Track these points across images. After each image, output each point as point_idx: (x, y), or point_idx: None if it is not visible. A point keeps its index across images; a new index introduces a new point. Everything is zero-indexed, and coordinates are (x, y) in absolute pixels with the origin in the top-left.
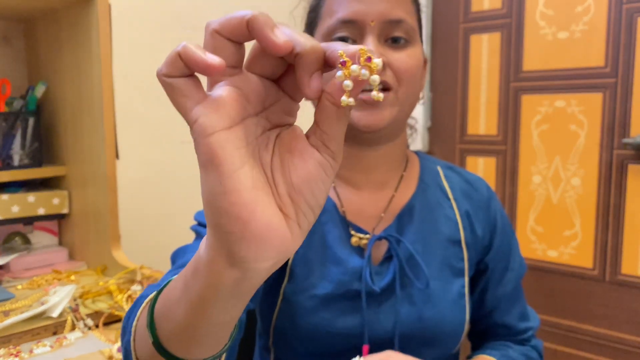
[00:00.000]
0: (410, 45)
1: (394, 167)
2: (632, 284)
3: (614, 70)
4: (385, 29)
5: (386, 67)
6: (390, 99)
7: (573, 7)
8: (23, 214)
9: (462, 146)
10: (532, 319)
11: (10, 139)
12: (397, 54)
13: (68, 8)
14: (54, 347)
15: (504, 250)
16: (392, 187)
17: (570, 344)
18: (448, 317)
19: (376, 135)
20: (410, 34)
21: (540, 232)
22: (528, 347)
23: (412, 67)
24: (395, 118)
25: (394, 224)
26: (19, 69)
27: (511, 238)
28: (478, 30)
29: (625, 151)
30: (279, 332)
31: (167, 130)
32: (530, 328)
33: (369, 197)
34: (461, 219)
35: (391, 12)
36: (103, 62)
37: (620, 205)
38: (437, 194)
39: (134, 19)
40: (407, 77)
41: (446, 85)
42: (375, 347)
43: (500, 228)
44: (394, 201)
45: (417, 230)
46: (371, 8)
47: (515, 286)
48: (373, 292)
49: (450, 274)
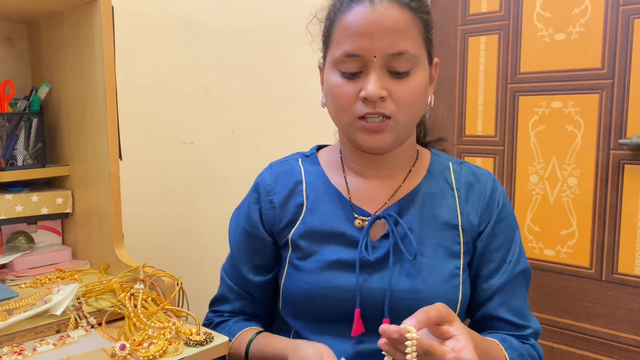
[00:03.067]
0: (413, 73)
1: (402, 164)
2: (628, 283)
3: (610, 72)
4: (388, 62)
5: (387, 98)
6: (391, 125)
7: (570, 9)
8: (27, 214)
9: (460, 147)
10: (532, 322)
11: (14, 140)
12: (398, 85)
13: (71, 10)
14: (57, 345)
15: (502, 241)
16: (401, 178)
17: (567, 342)
18: (438, 292)
19: (379, 152)
20: (413, 62)
21: (537, 231)
22: (528, 345)
23: (412, 96)
24: (395, 139)
25: (395, 206)
26: (23, 70)
27: (513, 233)
28: (476, 32)
29: (622, 151)
30: (286, 295)
31: (169, 130)
32: (529, 327)
33: (377, 185)
34: (460, 206)
35: (394, 46)
36: (106, 63)
37: (616, 205)
38: (442, 184)
39: (137, 20)
40: (406, 105)
41: (444, 86)
42: (367, 313)
43: (499, 219)
44: (399, 190)
45: (416, 213)
46: (374, 44)
47: (512, 280)
48: (367, 261)
49: (444, 254)
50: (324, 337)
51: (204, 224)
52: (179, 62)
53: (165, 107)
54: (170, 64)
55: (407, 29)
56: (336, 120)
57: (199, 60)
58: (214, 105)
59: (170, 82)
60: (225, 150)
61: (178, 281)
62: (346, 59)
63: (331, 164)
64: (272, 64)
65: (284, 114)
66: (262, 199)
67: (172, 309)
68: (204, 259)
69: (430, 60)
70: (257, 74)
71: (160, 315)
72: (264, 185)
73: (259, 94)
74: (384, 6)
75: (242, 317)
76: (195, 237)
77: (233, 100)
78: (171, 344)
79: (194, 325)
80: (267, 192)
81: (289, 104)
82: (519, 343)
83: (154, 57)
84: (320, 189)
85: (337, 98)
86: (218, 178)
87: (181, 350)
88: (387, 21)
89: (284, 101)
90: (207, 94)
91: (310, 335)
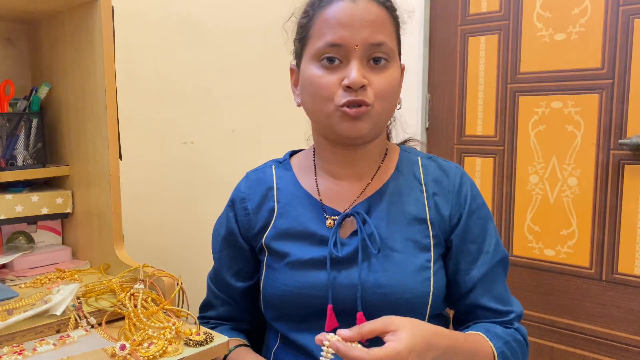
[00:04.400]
0: (389, 65)
1: (372, 161)
2: (628, 283)
3: (610, 72)
4: (367, 51)
5: (367, 86)
6: (370, 113)
7: (570, 9)
8: (27, 214)
9: (460, 147)
10: (515, 305)
11: (14, 140)
12: (377, 76)
13: (71, 9)
14: (57, 345)
15: (477, 232)
16: (370, 176)
17: (567, 342)
18: (409, 285)
19: (357, 141)
20: (390, 55)
21: (537, 231)
22: (512, 329)
23: (389, 87)
24: (373, 128)
25: (363, 203)
26: (23, 70)
27: (486, 223)
28: (476, 32)
29: (622, 151)
30: (265, 298)
31: (169, 131)
32: (512, 312)
33: (347, 185)
34: (428, 200)
35: (373, 36)
36: (106, 63)
37: (616, 205)
38: (410, 180)
39: (136, 20)
40: (384, 95)
41: (444, 86)
42: (341, 308)
43: (470, 211)
44: (368, 188)
45: (385, 210)
46: (356, 34)
47: (492, 269)
48: (337, 258)
49: (414, 248)
50: (304, 335)
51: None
52: (179, 62)
53: (165, 107)
54: (170, 64)
55: (385, 24)
56: (315, 114)
57: (199, 60)
58: (214, 105)
59: (170, 82)
60: (225, 150)
61: (178, 281)
62: (329, 49)
63: (303, 168)
64: (272, 64)
65: (284, 114)
66: (237, 206)
67: (172, 309)
68: (204, 259)
69: (400, 59)
70: (257, 74)
71: (160, 315)
72: (239, 193)
73: (259, 94)
74: (364, 1)
75: (228, 325)
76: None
77: (233, 100)
78: (171, 344)
79: (194, 325)
80: (241, 200)
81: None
82: (503, 329)
83: (154, 57)
84: (291, 193)
85: (318, 89)
86: (218, 178)
87: (181, 350)
88: (367, 14)
89: (284, 101)
90: (207, 94)
91: (292, 334)
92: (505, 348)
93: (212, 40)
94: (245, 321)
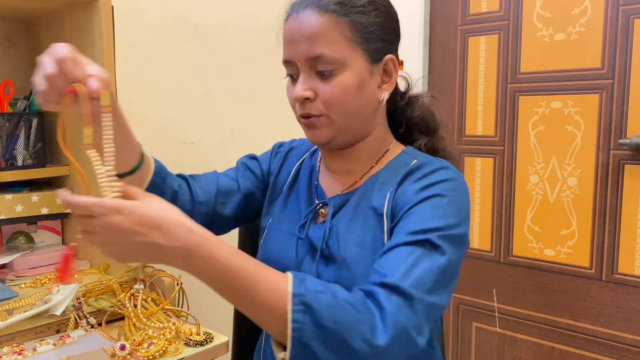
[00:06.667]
0: (337, 73)
1: (363, 160)
2: (628, 283)
3: (610, 72)
4: (310, 64)
5: (315, 98)
6: (323, 121)
7: (570, 9)
8: (27, 214)
9: (460, 147)
10: (398, 277)
11: (14, 140)
12: (323, 85)
13: (71, 10)
14: (57, 345)
15: (416, 212)
16: (360, 174)
17: (567, 342)
18: (357, 282)
19: (333, 145)
20: (336, 62)
21: (537, 231)
22: (361, 292)
23: (338, 95)
24: (338, 134)
25: (340, 196)
26: (23, 70)
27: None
28: (476, 32)
29: (622, 151)
30: (260, 259)
31: (169, 131)
32: (385, 276)
33: (339, 179)
34: (390, 195)
35: (310, 50)
36: (106, 63)
37: (616, 205)
38: (390, 178)
39: (136, 20)
40: (333, 103)
41: (444, 86)
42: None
43: (423, 200)
44: (355, 184)
45: (355, 203)
46: (296, 50)
47: (401, 244)
48: (304, 240)
49: (372, 243)
50: None
51: None
52: (179, 62)
53: (165, 107)
54: (170, 64)
55: (325, 33)
56: None
57: (199, 60)
58: (214, 105)
59: (170, 82)
60: (225, 150)
61: (178, 281)
62: (285, 65)
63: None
64: (272, 64)
65: (284, 114)
66: (280, 149)
67: (172, 309)
68: None
69: (378, 58)
70: (257, 74)
71: (160, 315)
72: (291, 143)
73: (259, 94)
74: (304, 14)
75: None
76: None
77: (233, 100)
78: (171, 344)
79: (194, 325)
80: (289, 149)
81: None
82: (342, 289)
83: (154, 57)
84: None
85: (289, 100)
86: None
87: (181, 350)
88: (304, 28)
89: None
90: (207, 94)
91: None
92: (316, 295)
93: (212, 40)
94: (186, 194)
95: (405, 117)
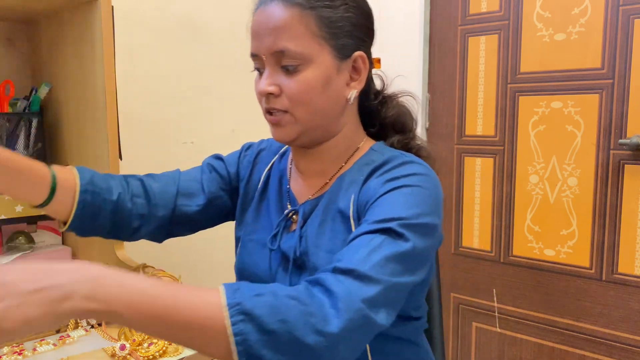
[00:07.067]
0: (302, 68)
1: (333, 160)
2: (628, 283)
3: (610, 72)
4: (275, 58)
5: (281, 94)
6: (288, 119)
7: (570, 9)
8: (27, 214)
9: (460, 147)
10: (353, 262)
11: (14, 140)
12: (288, 81)
13: (71, 10)
14: (57, 345)
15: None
16: (329, 175)
17: (567, 342)
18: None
19: (298, 144)
20: (300, 58)
21: (537, 231)
22: (305, 283)
23: (302, 92)
24: (302, 131)
25: (310, 202)
26: (23, 70)
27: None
28: (476, 32)
29: (622, 151)
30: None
31: (169, 130)
32: (340, 260)
33: (309, 181)
34: (355, 196)
35: (275, 44)
36: (106, 63)
37: (616, 205)
38: (357, 178)
39: (136, 20)
40: (298, 100)
41: (444, 86)
42: None
43: (380, 193)
44: (326, 185)
45: (324, 207)
46: (262, 43)
47: (362, 233)
48: (276, 251)
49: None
50: None
51: None
52: (179, 62)
53: (165, 107)
54: (170, 64)
55: (290, 27)
56: None
57: (199, 60)
58: (214, 105)
59: (170, 82)
60: (225, 150)
61: (178, 281)
62: (252, 58)
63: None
64: None
65: None
66: (248, 151)
67: None
68: (204, 259)
69: (346, 54)
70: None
71: None
72: (260, 144)
73: None
74: (271, 7)
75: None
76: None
77: (233, 100)
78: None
79: None
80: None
81: None
82: (283, 287)
83: (154, 57)
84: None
85: (256, 95)
86: None
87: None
88: (270, 21)
89: None
90: (207, 94)
91: None
92: (254, 300)
93: (212, 40)
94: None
95: (380, 117)
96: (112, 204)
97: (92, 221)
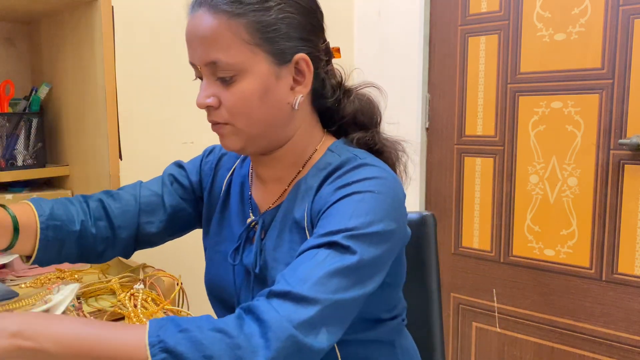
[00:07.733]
0: (238, 79)
1: (290, 165)
2: (629, 283)
3: (610, 72)
4: (209, 70)
5: (220, 106)
6: (230, 130)
7: (570, 9)
8: None
9: (460, 147)
10: (296, 284)
11: (14, 140)
12: (225, 92)
13: (71, 10)
14: None
15: (330, 213)
16: (287, 181)
17: (567, 342)
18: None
19: (248, 153)
20: (234, 69)
21: (537, 231)
22: (239, 312)
23: (239, 103)
24: (248, 142)
25: (269, 212)
26: (23, 70)
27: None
28: (476, 32)
29: (622, 151)
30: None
31: (169, 130)
32: (279, 282)
33: (270, 188)
34: (308, 206)
35: (207, 55)
36: (106, 63)
37: (616, 205)
38: (312, 184)
39: (136, 20)
40: (236, 112)
41: (444, 86)
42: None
43: (329, 203)
44: (285, 192)
45: (281, 217)
46: (195, 53)
47: (307, 249)
48: (239, 265)
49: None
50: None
51: None
52: (179, 62)
53: (165, 107)
54: (170, 64)
55: (219, 37)
56: None
57: None
58: None
59: (170, 82)
60: None
61: (178, 281)
62: (192, 66)
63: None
64: None
65: None
66: (209, 157)
67: (172, 309)
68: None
69: (286, 59)
70: None
71: (160, 315)
72: (221, 150)
73: None
74: (197, 15)
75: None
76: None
77: None
78: None
79: None
80: (219, 156)
81: None
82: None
83: (154, 57)
84: (237, 184)
85: None
86: None
87: None
88: (198, 31)
89: None
90: None
91: None
92: (178, 337)
93: None
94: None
95: (338, 115)
96: (76, 234)
97: (57, 253)
